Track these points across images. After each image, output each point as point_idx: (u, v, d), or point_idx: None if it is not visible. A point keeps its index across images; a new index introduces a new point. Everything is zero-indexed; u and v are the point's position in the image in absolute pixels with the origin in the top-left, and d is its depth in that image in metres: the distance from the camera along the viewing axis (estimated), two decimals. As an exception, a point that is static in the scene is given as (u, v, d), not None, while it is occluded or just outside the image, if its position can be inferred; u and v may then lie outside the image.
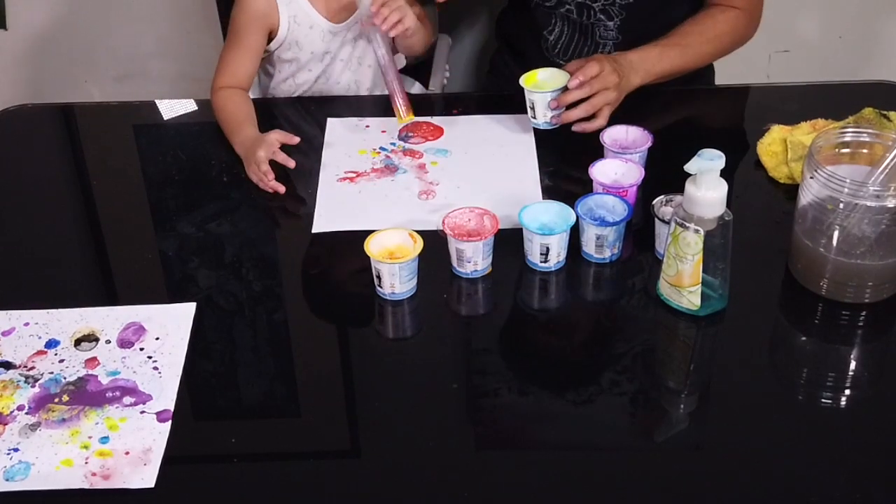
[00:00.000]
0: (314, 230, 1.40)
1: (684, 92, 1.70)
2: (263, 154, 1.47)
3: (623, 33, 1.73)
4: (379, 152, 1.56)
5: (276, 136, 1.49)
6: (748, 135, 1.54)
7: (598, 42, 1.75)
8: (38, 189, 1.56)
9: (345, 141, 1.59)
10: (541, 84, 1.54)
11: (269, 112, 1.68)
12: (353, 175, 1.51)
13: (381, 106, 1.69)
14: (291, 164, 1.47)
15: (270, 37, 1.69)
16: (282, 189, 1.47)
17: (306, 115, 1.71)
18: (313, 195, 1.47)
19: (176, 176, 1.56)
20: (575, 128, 1.55)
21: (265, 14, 1.66)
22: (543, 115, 1.54)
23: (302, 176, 1.54)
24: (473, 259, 1.28)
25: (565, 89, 1.52)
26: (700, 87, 1.72)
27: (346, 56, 1.73)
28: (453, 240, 1.28)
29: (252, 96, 1.68)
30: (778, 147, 1.48)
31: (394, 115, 1.61)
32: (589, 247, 1.31)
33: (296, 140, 1.51)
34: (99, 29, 2.61)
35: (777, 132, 1.50)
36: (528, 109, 1.55)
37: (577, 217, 1.29)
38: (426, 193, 1.46)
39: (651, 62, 1.62)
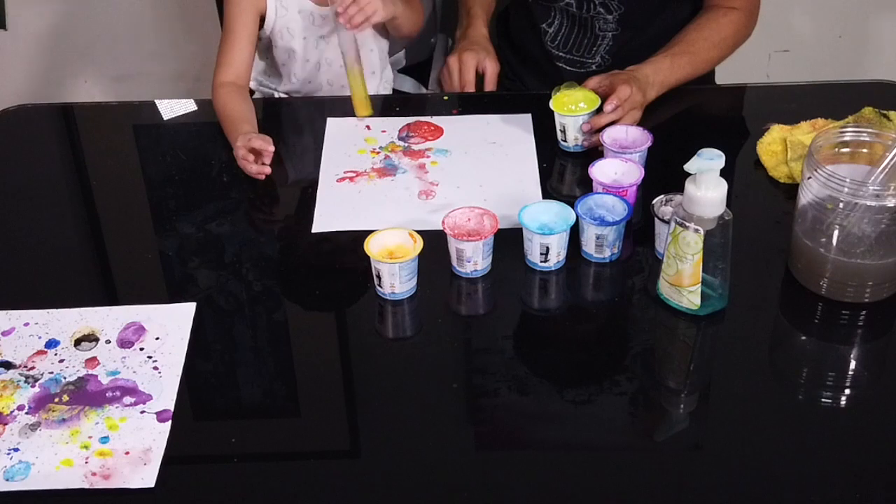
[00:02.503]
0: (314, 230, 1.40)
1: (684, 92, 1.70)
2: (240, 142, 1.49)
3: (622, 25, 1.73)
4: (378, 152, 1.56)
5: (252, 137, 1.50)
6: (748, 134, 1.54)
7: (596, 35, 1.76)
8: (38, 189, 1.56)
9: (344, 141, 1.59)
10: (567, 103, 1.53)
11: (271, 112, 1.68)
12: (353, 175, 1.51)
13: (380, 106, 1.69)
14: (270, 148, 1.48)
15: (263, 25, 1.70)
16: (267, 170, 1.47)
17: (306, 115, 1.71)
18: (313, 195, 1.47)
19: (176, 176, 1.56)
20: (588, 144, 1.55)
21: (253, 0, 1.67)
22: (574, 139, 1.53)
23: (302, 176, 1.54)
24: (473, 259, 1.28)
25: (598, 110, 1.51)
26: (700, 86, 1.72)
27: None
28: (453, 239, 1.28)
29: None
30: (778, 146, 1.48)
31: (393, 115, 1.62)
32: (589, 246, 1.31)
33: (268, 148, 1.49)
34: (99, 29, 2.61)
35: (777, 132, 1.50)
36: (558, 133, 1.54)
37: (577, 217, 1.29)
38: (426, 193, 1.46)
39: (664, 74, 1.62)
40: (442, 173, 1.50)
